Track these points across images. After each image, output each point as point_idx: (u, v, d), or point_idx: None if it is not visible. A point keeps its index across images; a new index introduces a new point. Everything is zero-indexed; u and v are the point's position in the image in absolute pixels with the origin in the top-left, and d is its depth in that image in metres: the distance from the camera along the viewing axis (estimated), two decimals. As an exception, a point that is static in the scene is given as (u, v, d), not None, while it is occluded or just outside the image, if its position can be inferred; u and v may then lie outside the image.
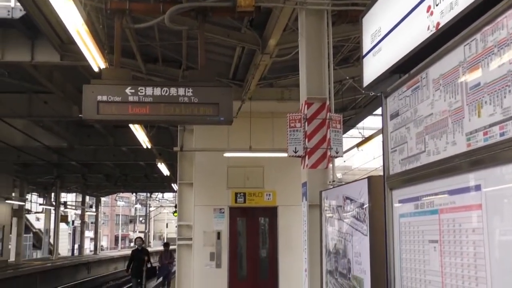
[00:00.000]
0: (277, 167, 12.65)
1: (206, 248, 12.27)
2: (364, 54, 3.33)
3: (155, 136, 14.67)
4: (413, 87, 2.74)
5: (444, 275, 2.36)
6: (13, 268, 25.60)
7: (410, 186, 2.76)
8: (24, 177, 29.62)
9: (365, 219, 3.91)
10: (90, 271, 34.58)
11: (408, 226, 2.77)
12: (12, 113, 13.79)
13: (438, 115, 2.46)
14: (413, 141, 2.73)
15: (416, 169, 2.67)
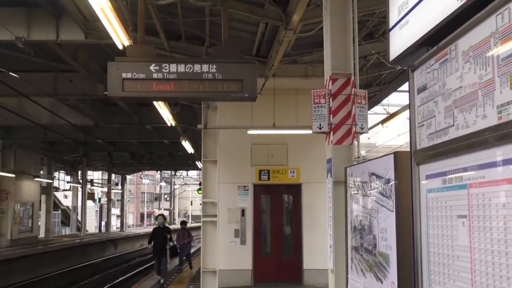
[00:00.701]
0: (301, 144, 12.63)
1: (231, 225, 12.38)
2: (391, 27, 3.26)
3: (179, 114, 14.73)
4: (442, 60, 2.68)
5: (473, 250, 2.33)
6: (43, 244, 26.26)
7: (437, 161, 2.72)
8: (51, 155, 30.14)
9: (391, 195, 3.88)
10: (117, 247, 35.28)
11: (436, 202, 2.74)
12: (39, 92, 13.98)
13: (468, 88, 2.40)
14: (441, 115, 2.68)
15: (444, 143, 2.63)
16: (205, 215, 11.49)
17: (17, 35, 9.52)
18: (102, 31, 8.05)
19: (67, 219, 41.75)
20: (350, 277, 4.85)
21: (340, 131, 5.54)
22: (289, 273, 12.65)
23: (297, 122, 11.92)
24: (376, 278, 4.18)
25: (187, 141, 17.40)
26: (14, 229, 24.47)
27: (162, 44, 9.80)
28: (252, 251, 12.48)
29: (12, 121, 18.72)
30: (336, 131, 5.52)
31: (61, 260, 25.79)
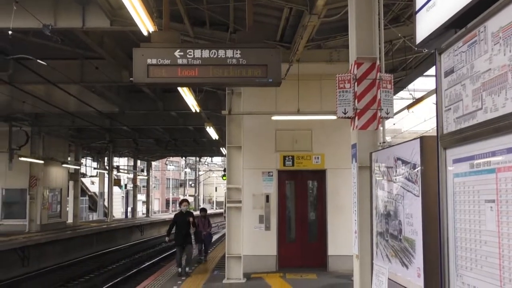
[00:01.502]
0: (326, 130, 12.58)
1: (255, 210, 12.44)
2: (417, 9, 3.21)
3: (203, 100, 14.80)
4: (470, 42, 2.63)
5: (501, 235, 2.30)
6: (71, 229, 26.78)
7: (465, 145, 2.68)
8: (78, 142, 30.63)
9: (417, 180, 3.85)
10: (143, 233, 35.80)
11: (463, 186, 2.71)
12: (66, 79, 14.17)
13: (497, 70, 2.36)
14: (469, 98, 2.64)
15: (472, 127, 2.59)
16: (229, 201, 11.55)
17: (45, 23, 9.64)
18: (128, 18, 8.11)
19: (94, 205, 42.48)
20: (375, 263, 4.84)
21: (365, 116, 5.50)
22: (313, 259, 12.69)
23: (322, 107, 11.87)
24: (401, 263, 4.16)
25: (212, 127, 17.47)
26: (43, 214, 25.00)
27: (186, 30, 9.82)
28: (276, 237, 12.54)
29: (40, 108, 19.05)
30: (361, 116, 5.48)
31: (89, 245, 26.30)
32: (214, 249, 17.77)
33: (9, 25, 9.70)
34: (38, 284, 17.77)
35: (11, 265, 19.16)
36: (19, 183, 24.34)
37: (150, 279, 11.78)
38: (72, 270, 20.86)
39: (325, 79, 12.19)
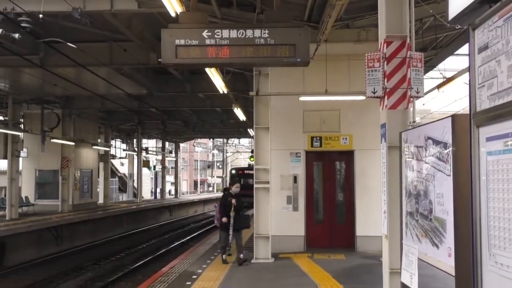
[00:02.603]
0: (354, 111, 12.48)
1: (283, 191, 12.47)
2: (450, -16, 3.13)
3: (230, 81, 14.80)
4: (506, 17, 2.56)
5: (536, 213, 2.27)
6: (102, 209, 27.32)
7: (499, 123, 2.63)
8: (108, 124, 31.07)
9: (448, 159, 3.80)
10: (172, 213, 36.31)
11: (497, 165, 2.67)
12: (96, 62, 14.33)
13: (534, 45, 2.30)
14: (504, 75, 2.58)
15: (507, 104, 2.53)
16: (257, 182, 11.60)
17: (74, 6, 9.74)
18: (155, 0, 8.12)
19: (124, 186, 43.18)
20: (404, 243, 4.82)
21: (395, 95, 5.43)
22: (341, 240, 12.70)
23: (350, 88, 11.75)
24: (432, 243, 4.13)
25: (239, 109, 17.49)
26: (75, 195, 25.55)
27: (213, 12, 9.80)
28: (304, 218, 12.57)
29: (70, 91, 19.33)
30: (390, 95, 5.41)
31: (120, 224, 26.82)
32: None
33: (40, 9, 9.84)
34: (71, 262, 18.23)
35: (45, 244, 19.69)
36: (51, 165, 24.90)
37: (179, 259, 11.97)
38: (103, 249, 21.32)
39: (353, 59, 12.06)
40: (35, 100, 22.07)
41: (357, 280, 9.23)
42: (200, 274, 9.90)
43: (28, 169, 25.35)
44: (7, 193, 21.72)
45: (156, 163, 46.76)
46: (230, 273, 9.96)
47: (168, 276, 9.76)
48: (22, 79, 18.35)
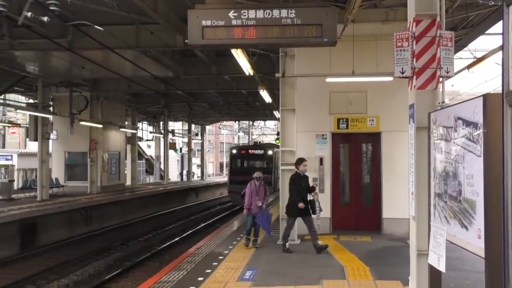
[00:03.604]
0: (381, 92, 12.33)
1: (309, 173, 12.41)
2: (484, -41, 3.04)
3: (256, 63, 14.74)
4: (542, -9, 2.48)
5: None
6: (130, 191, 27.73)
7: (533, 101, 2.56)
8: (135, 107, 31.37)
9: (479, 139, 3.73)
10: (198, 195, 36.65)
11: (529, 144, 2.61)
12: (122, 45, 14.42)
13: None
14: (539, 52, 2.51)
15: (542, 82, 2.46)
16: (283, 164, 11.59)
17: (100, -12, 9.79)
18: (181, -19, 8.09)
19: (151, 168, 43.69)
20: (432, 224, 4.77)
21: (424, 75, 5.33)
22: (367, 222, 12.65)
23: (377, 69, 11.60)
24: (461, 225, 4.09)
25: (265, 90, 17.44)
26: (103, 176, 25.97)
27: (239, -8, 9.74)
28: (330, 200, 12.54)
29: (98, 74, 19.56)
30: (419, 75, 5.32)
31: (147, 206, 27.19)
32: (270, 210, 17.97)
33: (67, -8, 9.92)
34: (100, 242, 18.61)
35: (75, 224, 20.11)
36: (80, 147, 25.33)
37: (205, 240, 12.10)
38: (131, 230, 21.69)
39: (381, 39, 11.88)
40: (63, 83, 22.40)
41: (384, 262, 9.20)
42: (226, 255, 10.00)
43: (58, 151, 25.85)
44: (38, 175, 22.21)
45: (182, 146, 47.14)
46: (256, 255, 10.04)
47: (195, 256, 9.89)
48: (51, 62, 18.61)
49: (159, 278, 8.16)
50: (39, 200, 20.76)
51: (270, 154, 29.63)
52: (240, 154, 30.59)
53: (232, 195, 28.45)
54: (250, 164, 29.87)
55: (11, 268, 14.70)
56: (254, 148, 31.30)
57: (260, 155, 30.13)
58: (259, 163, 29.86)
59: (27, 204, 19.17)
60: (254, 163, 29.95)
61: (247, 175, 24.75)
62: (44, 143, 21.90)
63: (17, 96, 29.44)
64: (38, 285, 12.78)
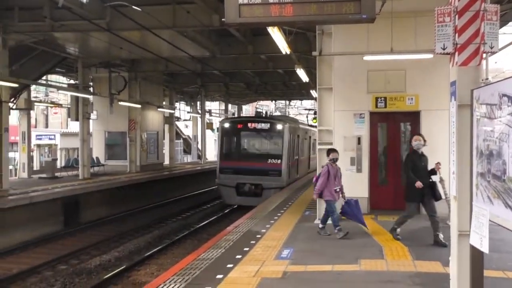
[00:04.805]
0: (420, 70, 12.06)
1: (347, 153, 12.33)
2: None
3: (293, 42, 14.61)
4: None
5: None
6: (168, 170, 28.14)
7: None
8: (172, 87, 31.66)
9: (525, 117, 3.60)
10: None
11: None
12: (159, 25, 14.52)
13: None
14: None
15: None
16: (320, 143, 11.53)
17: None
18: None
19: (188, 147, 44.18)
20: (475, 204, 4.67)
21: (467, 51, 5.16)
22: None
23: (416, 46, 11.33)
24: (505, 205, 3.98)
25: (302, 69, 17.31)
26: (142, 156, 26.43)
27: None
28: (368, 179, 12.43)
29: (136, 54, 19.77)
30: (462, 51, 5.15)
31: (184, 185, 27.57)
32: (306, 191, 17.99)
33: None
34: (139, 220, 19.02)
35: (115, 202, 20.58)
36: (119, 127, 25.82)
37: (243, 219, 12.20)
38: (169, 208, 22.07)
39: (420, 16, 11.57)
40: (102, 63, 22.78)
41: (423, 242, 9.09)
42: (264, 233, 10.06)
43: (98, 131, 26.41)
44: (79, 154, 22.79)
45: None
46: (293, 233, 10.07)
47: (233, 235, 9.99)
48: (90, 43, 18.93)
49: (197, 255, 8.29)
50: (81, 179, 21.32)
51: (280, 129, 20.90)
52: (236, 130, 21.73)
53: (224, 190, 20.97)
54: (250, 145, 22.32)
55: (56, 243, 15.23)
56: (256, 121, 21.88)
57: (266, 131, 21.32)
58: (263, 144, 22.04)
59: (69, 182, 19.72)
60: (256, 143, 22.20)
61: (245, 161, 20.99)
62: (85, 123, 22.39)
63: (58, 77, 30.11)
64: (82, 260, 13.19)
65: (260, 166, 20.45)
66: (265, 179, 20.14)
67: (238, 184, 20.47)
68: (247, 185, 20.29)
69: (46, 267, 12.41)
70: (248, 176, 20.33)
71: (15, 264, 12.67)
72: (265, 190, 19.90)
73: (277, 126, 21.09)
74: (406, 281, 6.69)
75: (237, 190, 20.50)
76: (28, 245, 14.63)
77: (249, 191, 20.24)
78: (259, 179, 20.20)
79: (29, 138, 22.11)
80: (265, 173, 20.18)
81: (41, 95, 37.63)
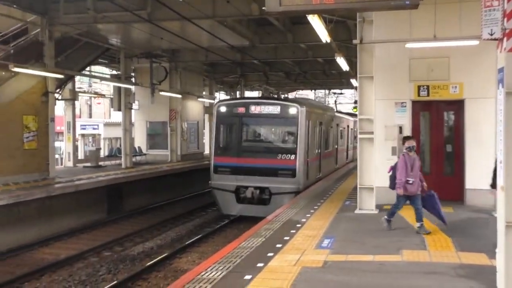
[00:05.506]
0: (465, 57, 11.75)
1: (388, 142, 12.17)
2: None
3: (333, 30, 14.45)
4: None
5: None
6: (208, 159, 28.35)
7: None
8: (212, 76, 31.86)
9: None
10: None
11: None
12: (199, 14, 14.61)
13: None
14: None
15: None
16: (361, 132, 11.40)
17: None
18: None
19: (228, 137, 44.30)
20: (522, 195, 4.54)
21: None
22: (449, 192, 12.21)
23: (461, 32, 11.02)
24: (554, 195, 3.86)
25: (342, 58, 17.11)
26: (183, 145, 26.77)
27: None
28: (410, 169, 12.21)
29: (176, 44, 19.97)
30: (511, 36, 5.00)
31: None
32: (345, 181, 17.86)
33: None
34: (181, 209, 19.32)
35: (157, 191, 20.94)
36: (160, 116, 26.20)
37: (283, 208, 12.21)
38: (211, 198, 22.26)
39: (465, 1, 11.26)
40: (144, 54, 23.11)
41: (467, 233, 8.91)
42: (304, 223, 10.05)
43: (140, 121, 26.89)
44: (122, 143, 23.26)
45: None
46: (333, 223, 10.03)
47: (273, 224, 10.03)
48: (132, 34, 19.24)
49: (238, 243, 8.36)
50: (123, 168, 21.77)
51: (294, 113, 16.03)
52: (235, 116, 16.67)
53: (220, 196, 16.48)
54: (254, 136, 17.41)
55: (101, 230, 15.66)
56: (262, 103, 16.67)
57: (275, 116, 16.33)
58: (272, 133, 17.48)
59: (113, 171, 20.17)
60: (262, 132, 17.43)
61: (248, 156, 15.83)
62: (127, 113, 22.81)
63: (101, 68, 30.73)
64: (125, 247, 13.51)
65: (267, 164, 15.81)
66: (274, 181, 15.51)
67: (238, 187, 15.90)
68: (249, 189, 15.64)
69: (92, 253, 12.78)
70: (252, 177, 15.75)
71: (63, 250, 13.10)
72: (274, 196, 15.46)
73: (290, 109, 16.10)
74: (449, 272, 6.57)
75: (237, 195, 15.96)
76: (74, 232, 15.08)
77: (253, 197, 15.60)
78: (266, 181, 15.56)
79: (74, 128, 22.69)
80: (274, 173, 15.59)
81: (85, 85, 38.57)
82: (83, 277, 10.78)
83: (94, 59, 22.08)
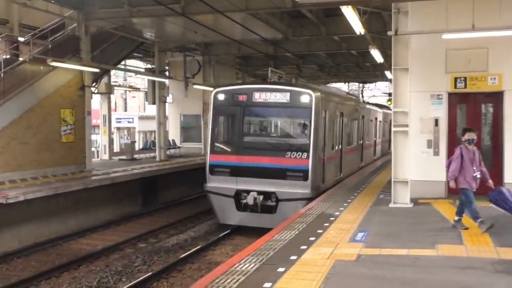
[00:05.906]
0: (505, 47, 11.46)
1: (423, 135, 11.99)
2: None
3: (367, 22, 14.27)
4: None
5: None
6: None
7: None
8: (244, 70, 31.89)
9: None
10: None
11: None
12: (232, 8, 14.62)
13: None
14: None
15: None
16: (396, 125, 11.25)
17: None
18: None
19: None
20: None
21: (558, 27, 4.85)
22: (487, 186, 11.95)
23: (501, 22, 10.71)
24: None
25: (376, 50, 16.89)
26: (216, 139, 26.85)
27: None
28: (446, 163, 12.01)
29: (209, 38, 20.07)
30: (552, 26, 4.85)
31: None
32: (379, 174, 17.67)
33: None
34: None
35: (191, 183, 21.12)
36: (194, 109, 26.44)
37: (316, 201, 12.16)
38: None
39: (505, -13, 10.97)
40: (178, 48, 23.31)
41: (507, 229, 8.68)
42: (337, 216, 10.00)
43: (174, 114, 27.17)
44: (156, 136, 23.55)
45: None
46: (367, 217, 9.94)
47: (306, 217, 10.01)
48: (166, 28, 19.42)
49: (272, 236, 8.38)
50: (158, 161, 22.06)
51: (307, 102, 13.34)
52: (235, 105, 14.00)
53: (217, 202, 14.08)
54: (258, 129, 15.10)
55: (136, 222, 15.94)
56: (267, 90, 13.70)
57: (283, 105, 13.61)
58: (279, 126, 15.02)
59: (147, 164, 20.46)
60: (267, 125, 15.20)
61: (250, 154, 13.40)
62: (162, 106, 23.07)
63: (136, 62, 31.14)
64: (160, 239, 13.71)
65: (273, 164, 13.25)
66: (282, 185, 13.12)
67: (238, 192, 13.45)
68: (252, 194, 13.14)
69: (127, 244, 13.03)
70: (255, 180, 13.25)
71: (100, 241, 13.40)
72: (282, 202, 13.11)
73: (302, 97, 13.36)
74: (487, 267, 6.44)
75: (237, 202, 13.49)
76: (110, 223, 15.38)
77: (256, 204, 13.07)
78: (271, 185, 13.15)
79: (110, 121, 23.10)
80: (282, 174, 13.13)
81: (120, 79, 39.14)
82: (119, 268, 10.99)
83: (129, 53, 22.38)
